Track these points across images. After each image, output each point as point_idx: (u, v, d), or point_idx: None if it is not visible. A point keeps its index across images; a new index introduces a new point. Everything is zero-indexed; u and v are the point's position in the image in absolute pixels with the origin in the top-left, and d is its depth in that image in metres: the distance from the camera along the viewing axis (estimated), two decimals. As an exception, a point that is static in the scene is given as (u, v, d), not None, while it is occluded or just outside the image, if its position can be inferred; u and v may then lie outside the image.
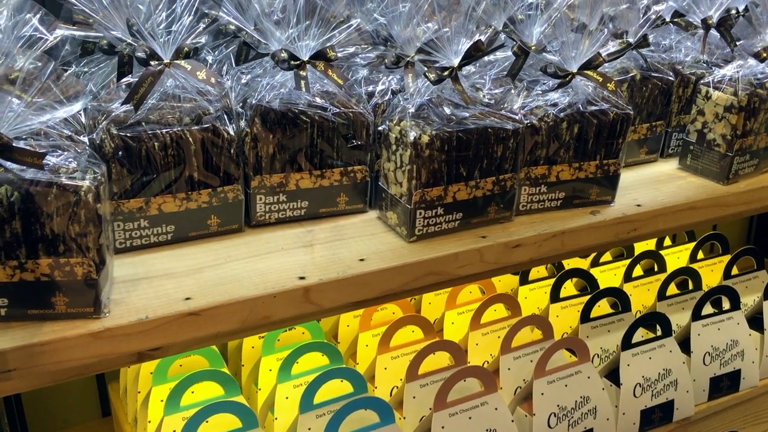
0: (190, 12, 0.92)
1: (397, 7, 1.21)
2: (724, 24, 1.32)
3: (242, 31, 1.05)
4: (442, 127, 0.98)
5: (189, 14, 0.96)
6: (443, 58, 0.99)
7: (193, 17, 0.95)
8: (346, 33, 0.99)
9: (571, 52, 1.08)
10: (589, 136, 1.09)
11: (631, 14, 1.24)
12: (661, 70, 1.27)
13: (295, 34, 0.98)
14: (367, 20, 1.25)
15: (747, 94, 1.18)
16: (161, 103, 0.95)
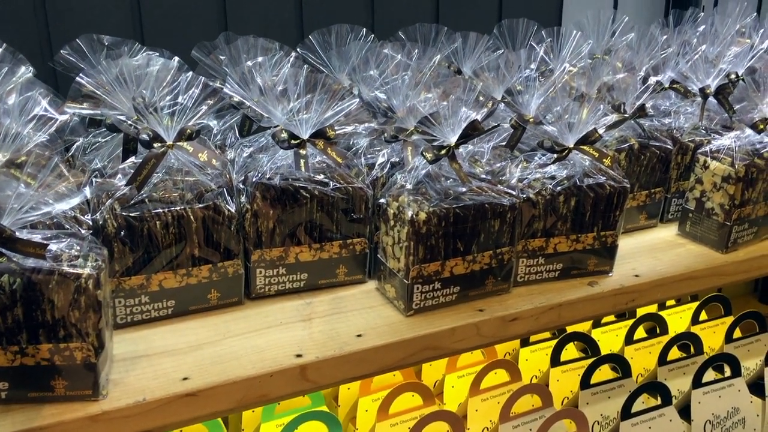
0: (194, 90, 0.95)
1: (397, 77, 1.24)
2: (722, 92, 1.34)
3: (245, 106, 1.07)
4: (440, 204, 1.00)
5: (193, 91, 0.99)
6: (440, 137, 1.01)
7: (198, 94, 0.98)
8: (346, 112, 1.01)
9: (567, 126, 1.09)
10: (586, 208, 1.10)
11: (629, 84, 1.26)
12: (660, 139, 1.29)
13: (295, 112, 1.01)
14: (368, 88, 1.28)
15: (745, 164, 1.19)
16: (164, 178, 0.97)
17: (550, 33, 1.45)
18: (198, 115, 0.95)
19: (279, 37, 1.46)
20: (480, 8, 1.67)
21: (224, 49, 1.19)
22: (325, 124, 1.00)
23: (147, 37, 1.32)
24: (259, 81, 1.13)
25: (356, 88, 1.27)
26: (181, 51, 1.19)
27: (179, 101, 0.96)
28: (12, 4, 1.25)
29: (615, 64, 1.34)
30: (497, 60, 1.34)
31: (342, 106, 1.01)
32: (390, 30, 1.42)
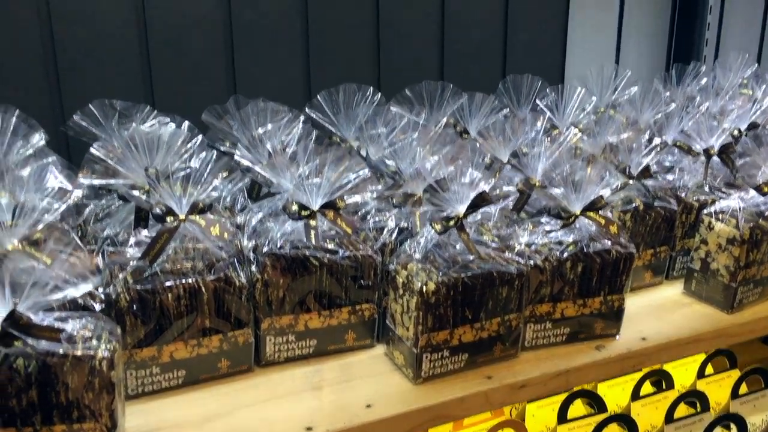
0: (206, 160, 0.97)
1: (404, 138, 1.26)
2: (725, 152, 1.35)
3: (255, 171, 1.08)
4: (448, 272, 1.01)
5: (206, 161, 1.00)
6: (448, 206, 1.02)
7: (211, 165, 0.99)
8: (355, 183, 1.02)
9: (574, 192, 1.11)
10: (593, 273, 1.11)
11: (634, 145, 1.27)
12: (664, 199, 1.30)
13: (305, 181, 1.02)
14: (376, 149, 1.30)
15: (749, 227, 1.20)
16: (175, 247, 0.98)
17: (554, 88, 1.47)
18: (210, 188, 0.96)
19: (287, 97, 1.48)
20: (484, 64, 1.69)
21: (234, 114, 1.21)
22: (335, 195, 1.01)
23: (158, 100, 1.34)
24: (269, 147, 1.15)
25: (364, 149, 1.29)
26: (191, 113, 1.21)
27: (192, 172, 0.97)
28: (26, 70, 1.27)
29: (619, 122, 1.35)
30: (503, 120, 1.36)
31: (351, 177, 1.02)
32: (396, 87, 1.44)
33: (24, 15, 1.26)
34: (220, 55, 1.40)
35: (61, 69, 1.28)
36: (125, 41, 1.32)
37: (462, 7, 1.62)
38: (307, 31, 1.46)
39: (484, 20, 1.66)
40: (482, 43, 1.68)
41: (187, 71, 1.38)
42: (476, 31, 1.66)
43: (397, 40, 1.58)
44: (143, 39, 1.32)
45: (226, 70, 1.41)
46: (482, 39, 1.68)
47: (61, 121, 1.27)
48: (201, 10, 1.36)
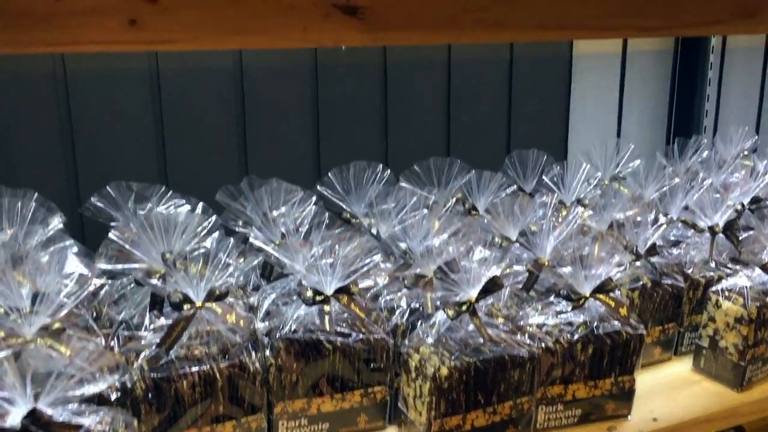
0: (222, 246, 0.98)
1: (414, 215, 1.28)
2: (730, 228, 1.37)
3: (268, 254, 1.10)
4: (461, 356, 1.02)
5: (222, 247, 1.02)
6: (460, 290, 1.04)
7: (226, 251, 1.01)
8: (368, 268, 1.04)
9: (582, 274, 1.12)
10: (603, 355, 1.12)
11: (640, 223, 1.29)
12: (671, 276, 1.31)
13: (319, 266, 1.03)
14: (386, 225, 1.32)
15: (757, 306, 1.21)
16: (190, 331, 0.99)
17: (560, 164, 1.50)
18: (227, 274, 0.97)
19: (298, 173, 1.51)
20: (489, 138, 1.73)
21: (248, 194, 1.23)
22: (349, 280, 1.03)
23: (171, 180, 1.37)
24: (282, 229, 1.17)
25: (374, 227, 1.31)
26: (204, 190, 1.23)
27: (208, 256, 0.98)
28: (43, 153, 1.29)
29: (625, 198, 1.38)
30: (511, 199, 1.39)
31: (365, 262, 1.03)
32: (405, 161, 1.47)
33: (41, 96, 1.29)
34: (232, 133, 1.44)
35: (79, 152, 1.31)
36: (141, 122, 1.35)
37: (467, 84, 1.66)
38: (317, 109, 1.50)
39: (488, 96, 1.71)
40: (487, 117, 1.72)
41: (200, 148, 1.41)
42: (481, 106, 1.70)
43: (405, 116, 1.62)
44: (158, 119, 1.36)
45: (238, 147, 1.44)
46: (487, 113, 1.72)
47: (77, 202, 1.29)
48: (214, 90, 1.40)
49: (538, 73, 1.74)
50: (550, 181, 1.47)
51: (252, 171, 1.45)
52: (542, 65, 1.72)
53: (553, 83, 1.77)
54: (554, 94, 1.78)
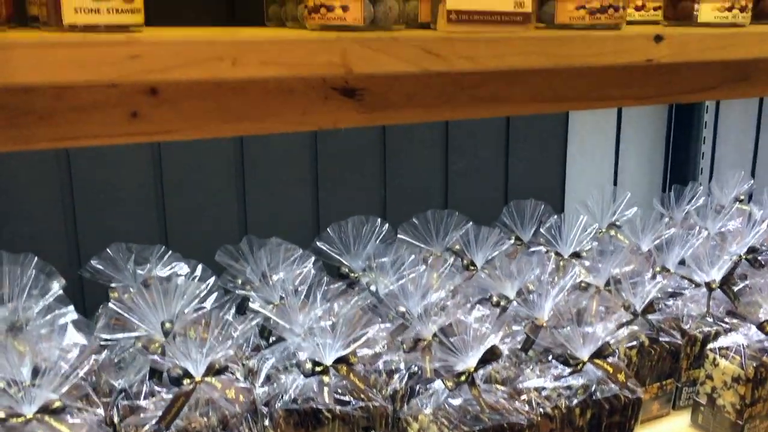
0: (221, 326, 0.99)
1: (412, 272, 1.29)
2: (727, 283, 1.38)
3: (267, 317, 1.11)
4: (460, 425, 1.02)
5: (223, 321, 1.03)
6: (458, 360, 1.04)
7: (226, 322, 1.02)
8: (367, 338, 1.04)
9: (580, 338, 1.12)
10: (601, 419, 1.12)
11: (637, 282, 1.30)
12: (668, 332, 1.32)
13: (319, 335, 1.04)
14: (385, 279, 1.33)
15: (754, 366, 1.22)
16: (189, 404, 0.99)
17: (556, 208, 1.52)
18: (227, 347, 0.98)
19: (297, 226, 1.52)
20: (487, 186, 1.74)
21: (247, 255, 1.24)
22: (348, 350, 1.03)
23: (171, 238, 1.38)
24: (281, 292, 1.17)
25: (372, 284, 1.31)
26: (205, 251, 1.24)
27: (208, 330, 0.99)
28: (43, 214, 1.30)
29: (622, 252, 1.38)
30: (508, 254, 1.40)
31: (364, 331, 1.04)
32: (403, 207, 1.48)
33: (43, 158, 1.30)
34: (231, 187, 1.44)
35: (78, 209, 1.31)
36: (141, 183, 1.36)
37: (464, 133, 1.67)
38: (316, 161, 1.51)
39: (486, 145, 1.72)
40: (485, 165, 1.73)
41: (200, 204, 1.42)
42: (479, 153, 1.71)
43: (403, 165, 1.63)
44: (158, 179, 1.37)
45: (237, 201, 1.45)
46: (484, 161, 1.73)
47: (77, 263, 1.30)
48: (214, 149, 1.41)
49: (535, 121, 1.76)
50: (547, 233, 1.48)
51: (251, 224, 1.46)
52: (539, 114, 1.73)
53: (550, 132, 1.78)
54: (551, 141, 1.79)
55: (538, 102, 0.99)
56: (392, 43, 0.80)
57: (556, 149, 1.80)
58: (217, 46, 0.72)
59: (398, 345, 1.18)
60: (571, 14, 0.97)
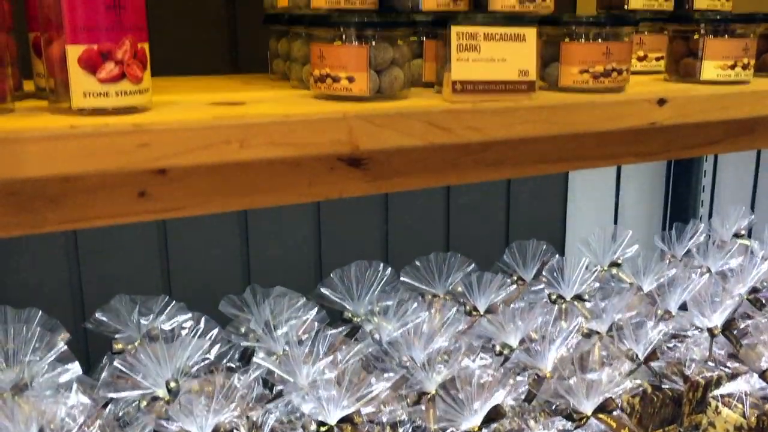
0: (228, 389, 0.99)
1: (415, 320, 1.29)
2: (729, 328, 1.38)
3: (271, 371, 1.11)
4: (464, 485, 1.02)
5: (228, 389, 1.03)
6: (462, 421, 1.04)
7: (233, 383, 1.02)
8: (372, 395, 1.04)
9: (584, 392, 1.13)
10: (605, 473, 1.12)
11: (640, 329, 1.30)
12: (671, 378, 1.32)
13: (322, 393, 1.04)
14: (388, 324, 1.33)
15: (756, 415, 1.22)
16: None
17: (557, 246, 1.52)
18: (232, 409, 0.98)
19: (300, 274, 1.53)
20: (489, 226, 1.74)
21: (251, 304, 1.24)
22: (353, 408, 1.03)
23: (174, 289, 1.38)
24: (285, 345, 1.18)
25: (376, 333, 1.32)
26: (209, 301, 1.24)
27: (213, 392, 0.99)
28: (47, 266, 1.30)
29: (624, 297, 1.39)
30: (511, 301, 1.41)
31: (369, 390, 1.04)
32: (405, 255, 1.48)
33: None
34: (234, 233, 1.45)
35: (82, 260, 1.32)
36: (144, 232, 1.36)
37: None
38: (318, 204, 1.52)
39: (487, 184, 1.72)
40: (486, 204, 1.73)
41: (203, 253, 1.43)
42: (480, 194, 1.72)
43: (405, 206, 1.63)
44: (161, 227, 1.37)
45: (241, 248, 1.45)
46: (486, 200, 1.73)
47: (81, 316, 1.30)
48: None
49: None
50: (549, 275, 1.48)
51: (254, 271, 1.46)
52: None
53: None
54: (552, 178, 1.80)
55: (542, 163, 1.00)
56: (398, 119, 0.81)
57: (557, 187, 1.80)
58: (224, 130, 0.72)
59: (402, 397, 1.18)
60: (575, 78, 0.97)
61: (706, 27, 1.06)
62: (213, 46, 1.31)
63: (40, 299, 1.14)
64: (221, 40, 1.33)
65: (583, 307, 1.44)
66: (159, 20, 1.27)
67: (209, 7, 1.32)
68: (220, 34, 1.33)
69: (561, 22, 0.97)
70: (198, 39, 1.31)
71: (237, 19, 1.34)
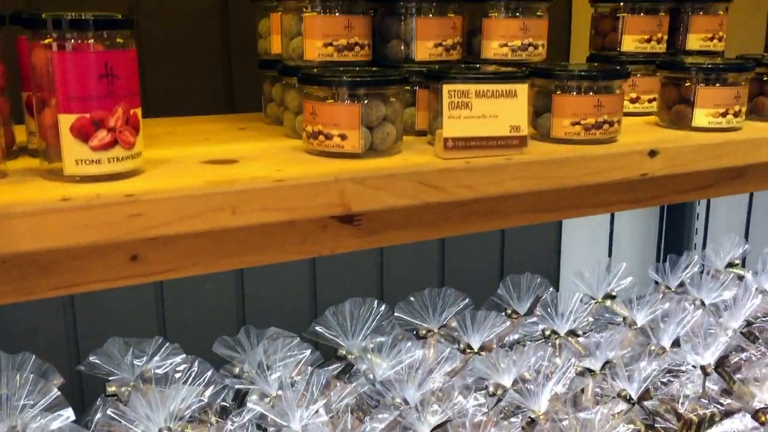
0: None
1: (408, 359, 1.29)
2: (722, 365, 1.39)
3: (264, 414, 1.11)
4: None
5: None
6: (457, 467, 1.05)
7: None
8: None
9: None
10: None
11: (634, 368, 1.31)
12: (664, 417, 1.32)
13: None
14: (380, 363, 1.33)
15: (749, 456, 1.23)
16: None
17: (552, 279, 1.53)
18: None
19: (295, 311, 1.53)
20: (483, 258, 1.74)
21: (246, 347, 1.25)
22: (346, 457, 1.04)
23: (169, 329, 1.38)
24: (278, 388, 1.18)
25: (370, 372, 1.32)
26: (203, 342, 1.24)
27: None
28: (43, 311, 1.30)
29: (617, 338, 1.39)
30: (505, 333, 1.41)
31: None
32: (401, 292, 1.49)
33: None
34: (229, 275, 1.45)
35: (76, 298, 1.32)
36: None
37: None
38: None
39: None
40: (481, 237, 1.74)
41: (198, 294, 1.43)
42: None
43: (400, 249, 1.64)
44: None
45: (236, 286, 1.45)
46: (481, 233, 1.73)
47: (76, 358, 1.30)
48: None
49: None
50: (543, 311, 1.48)
51: (250, 309, 1.46)
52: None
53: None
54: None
55: (533, 212, 1.00)
56: (390, 180, 0.81)
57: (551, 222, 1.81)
58: (216, 197, 0.73)
59: (395, 436, 1.19)
60: (566, 129, 0.98)
61: (698, 75, 1.07)
62: (209, 86, 1.32)
63: (34, 342, 1.13)
64: (217, 81, 1.33)
65: (577, 343, 1.44)
66: (155, 62, 1.28)
67: (205, 50, 1.33)
68: (216, 76, 1.34)
69: (552, 75, 0.98)
70: (194, 80, 1.31)
71: (232, 61, 1.34)
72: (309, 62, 0.97)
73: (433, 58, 1.02)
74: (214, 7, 1.33)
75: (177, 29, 1.30)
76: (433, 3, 1.01)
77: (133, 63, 0.74)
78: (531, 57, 1.08)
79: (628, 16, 1.22)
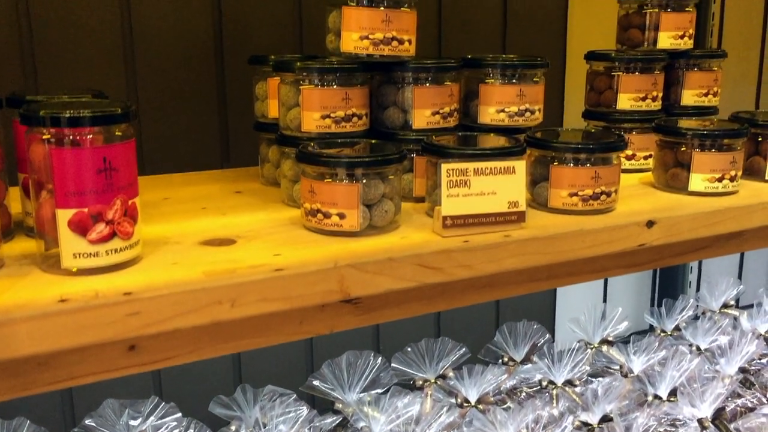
0: None
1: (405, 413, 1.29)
2: (719, 418, 1.39)
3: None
4: None
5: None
6: None
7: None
8: None
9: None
10: None
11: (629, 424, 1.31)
12: (662, 471, 1.32)
13: None
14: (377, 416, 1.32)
15: None
16: None
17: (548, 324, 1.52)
18: None
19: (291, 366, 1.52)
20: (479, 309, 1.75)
21: (242, 405, 1.24)
22: None
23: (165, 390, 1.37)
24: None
25: (367, 429, 1.31)
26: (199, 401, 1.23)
27: None
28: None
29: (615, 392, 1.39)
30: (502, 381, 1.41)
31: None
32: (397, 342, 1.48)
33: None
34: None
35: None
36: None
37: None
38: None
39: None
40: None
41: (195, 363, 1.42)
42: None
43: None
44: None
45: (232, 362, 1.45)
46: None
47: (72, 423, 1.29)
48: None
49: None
50: (539, 360, 1.48)
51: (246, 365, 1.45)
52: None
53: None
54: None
55: (531, 282, 1.00)
56: (389, 264, 0.81)
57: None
58: (214, 291, 0.72)
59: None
60: (564, 200, 0.98)
61: (693, 141, 1.07)
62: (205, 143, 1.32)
63: (29, 407, 1.12)
64: (213, 138, 1.33)
65: (574, 393, 1.44)
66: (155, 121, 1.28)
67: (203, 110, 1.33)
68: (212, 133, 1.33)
69: (550, 146, 0.98)
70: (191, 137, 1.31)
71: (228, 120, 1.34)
72: (307, 133, 0.97)
73: (430, 126, 1.03)
74: (210, 67, 1.34)
75: (174, 81, 1.30)
76: (431, 72, 1.01)
77: (131, 154, 0.74)
78: (528, 122, 1.08)
79: (623, 75, 1.22)
